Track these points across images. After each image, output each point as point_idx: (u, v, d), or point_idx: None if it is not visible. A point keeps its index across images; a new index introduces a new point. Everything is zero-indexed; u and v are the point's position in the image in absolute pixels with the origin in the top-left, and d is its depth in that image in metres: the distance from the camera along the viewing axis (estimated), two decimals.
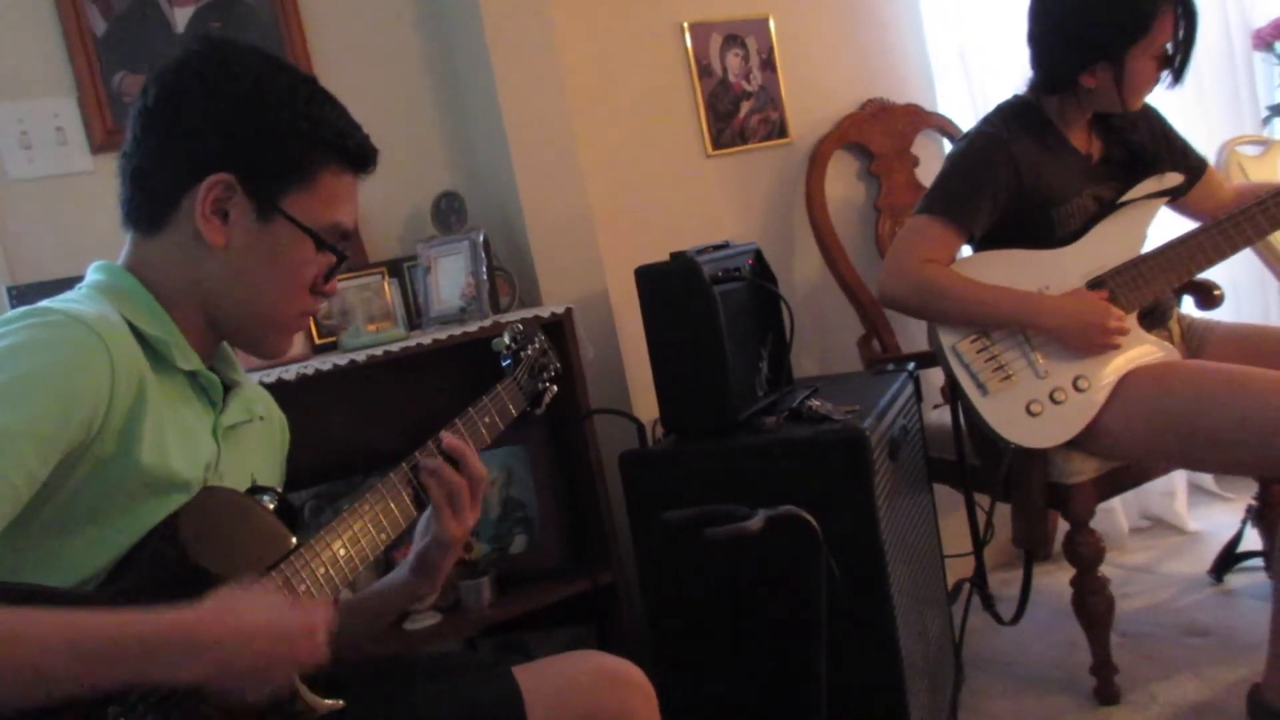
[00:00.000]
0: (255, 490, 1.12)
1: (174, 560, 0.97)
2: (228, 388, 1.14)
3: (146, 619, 0.86)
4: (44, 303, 0.99)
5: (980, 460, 2.09)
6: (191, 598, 0.94)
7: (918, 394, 2.12)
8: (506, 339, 1.38)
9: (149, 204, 1.07)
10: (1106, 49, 1.87)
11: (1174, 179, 1.98)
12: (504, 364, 1.37)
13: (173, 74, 1.07)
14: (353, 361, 1.78)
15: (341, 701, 1.07)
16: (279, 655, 0.92)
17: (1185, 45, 1.89)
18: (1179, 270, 1.93)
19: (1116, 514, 2.77)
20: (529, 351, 1.39)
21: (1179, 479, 2.78)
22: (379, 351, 1.81)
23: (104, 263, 1.09)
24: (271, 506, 1.12)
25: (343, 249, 1.13)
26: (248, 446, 1.17)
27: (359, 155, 1.12)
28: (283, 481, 1.26)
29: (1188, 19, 1.86)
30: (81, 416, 0.91)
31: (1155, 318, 2.01)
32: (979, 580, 2.09)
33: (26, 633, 0.80)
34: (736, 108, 2.52)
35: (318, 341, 1.93)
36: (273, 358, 1.22)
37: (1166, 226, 2.05)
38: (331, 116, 1.10)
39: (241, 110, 1.06)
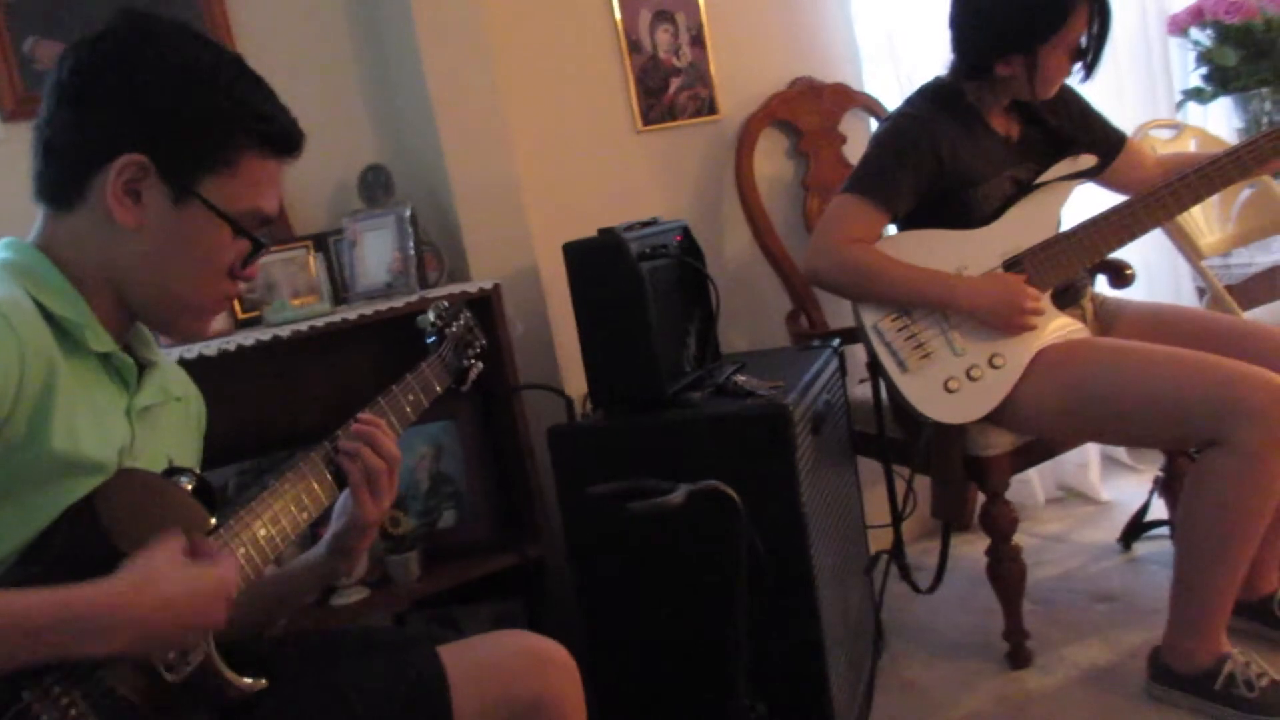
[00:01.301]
0: (172, 471, 1.11)
1: (90, 543, 0.96)
2: (143, 368, 1.12)
3: (68, 595, 0.86)
4: None
5: (902, 434, 2.14)
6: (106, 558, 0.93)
7: (842, 370, 2.16)
8: (431, 316, 1.38)
9: (60, 180, 1.05)
10: (1021, 40, 1.92)
11: (1088, 160, 2.03)
12: (429, 341, 1.37)
13: (90, 47, 1.04)
14: (276, 337, 1.76)
15: (265, 680, 1.07)
16: (196, 619, 0.94)
17: (1098, 40, 1.94)
18: (1092, 250, 1.99)
19: (1033, 485, 2.87)
20: (454, 328, 1.40)
21: (1092, 451, 2.88)
22: (304, 327, 1.79)
23: (12, 239, 1.06)
24: (189, 487, 1.11)
25: (262, 234, 1.11)
26: (163, 427, 1.15)
27: (284, 140, 1.10)
28: (200, 462, 1.25)
29: (1102, 15, 1.91)
30: None
31: (1069, 296, 2.08)
32: (897, 550, 2.15)
33: None
34: (666, 84, 2.53)
35: (241, 316, 1.90)
36: (189, 340, 1.21)
37: (1089, 204, 2.10)
38: (256, 99, 1.08)
39: (160, 90, 1.03)
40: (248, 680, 1.06)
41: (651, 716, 1.83)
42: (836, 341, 2.20)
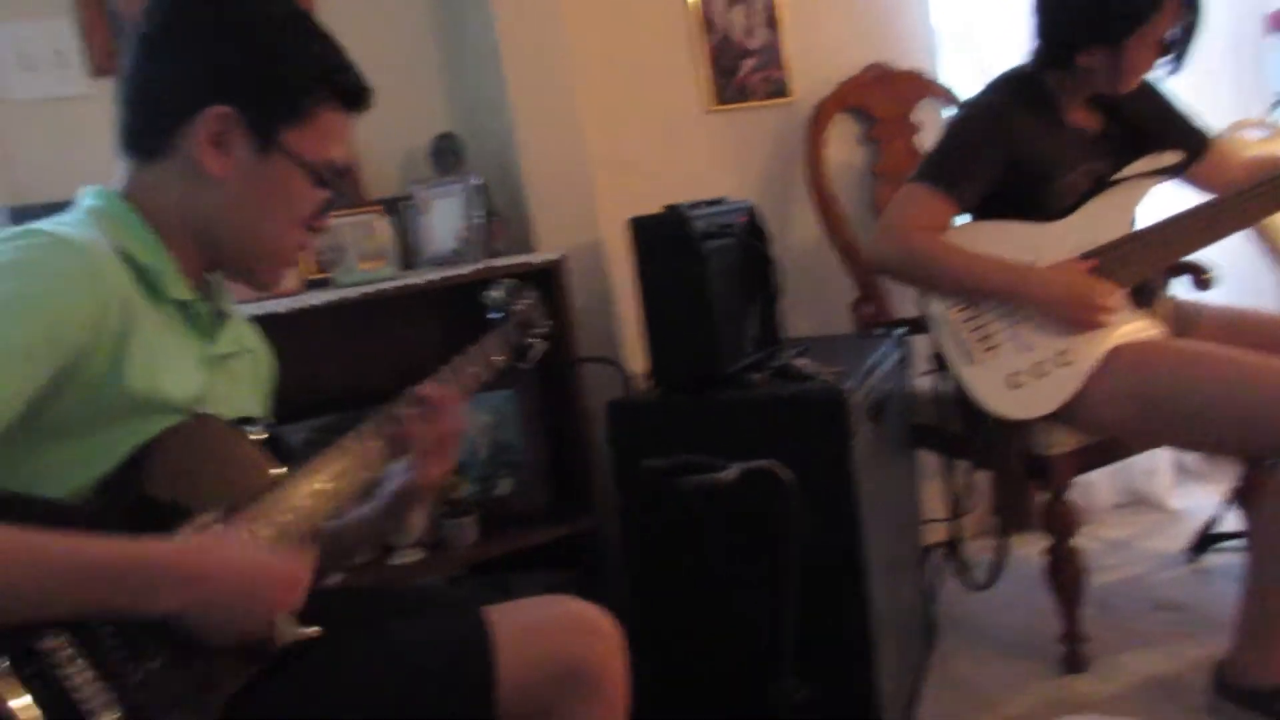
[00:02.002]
0: (243, 420, 1.14)
1: (160, 482, 0.99)
2: (219, 318, 1.15)
3: (131, 547, 0.88)
4: (35, 224, 1.00)
5: (963, 428, 2.10)
6: (171, 522, 0.96)
7: (906, 360, 2.13)
8: (498, 293, 1.40)
9: (147, 132, 1.08)
10: (1106, 31, 1.86)
11: (1171, 157, 1.97)
12: (494, 316, 1.39)
13: (173, 1, 1.07)
14: (344, 298, 1.79)
15: (318, 629, 1.09)
16: (257, 598, 0.95)
17: (1187, 34, 1.87)
18: (1170, 250, 1.94)
19: (1100, 489, 2.80)
20: (520, 307, 1.41)
21: (1163, 458, 2.80)
22: (371, 289, 1.82)
23: (98, 188, 1.10)
24: (259, 437, 1.14)
25: (336, 185, 1.15)
26: (237, 378, 1.19)
27: (356, 93, 1.13)
28: (269, 414, 1.28)
29: (1192, 9, 1.85)
30: (70, 338, 0.92)
31: (1144, 296, 2.02)
32: (953, 545, 2.12)
33: (5, 552, 0.81)
34: (738, 65, 2.51)
35: (311, 277, 1.94)
36: (266, 290, 1.24)
37: (1169, 203, 2.04)
38: (329, 53, 1.11)
39: (244, 42, 1.06)
40: (301, 628, 1.08)
41: (696, 691, 1.83)
42: (901, 331, 2.17)
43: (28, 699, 0.81)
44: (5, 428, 0.88)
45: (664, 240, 1.80)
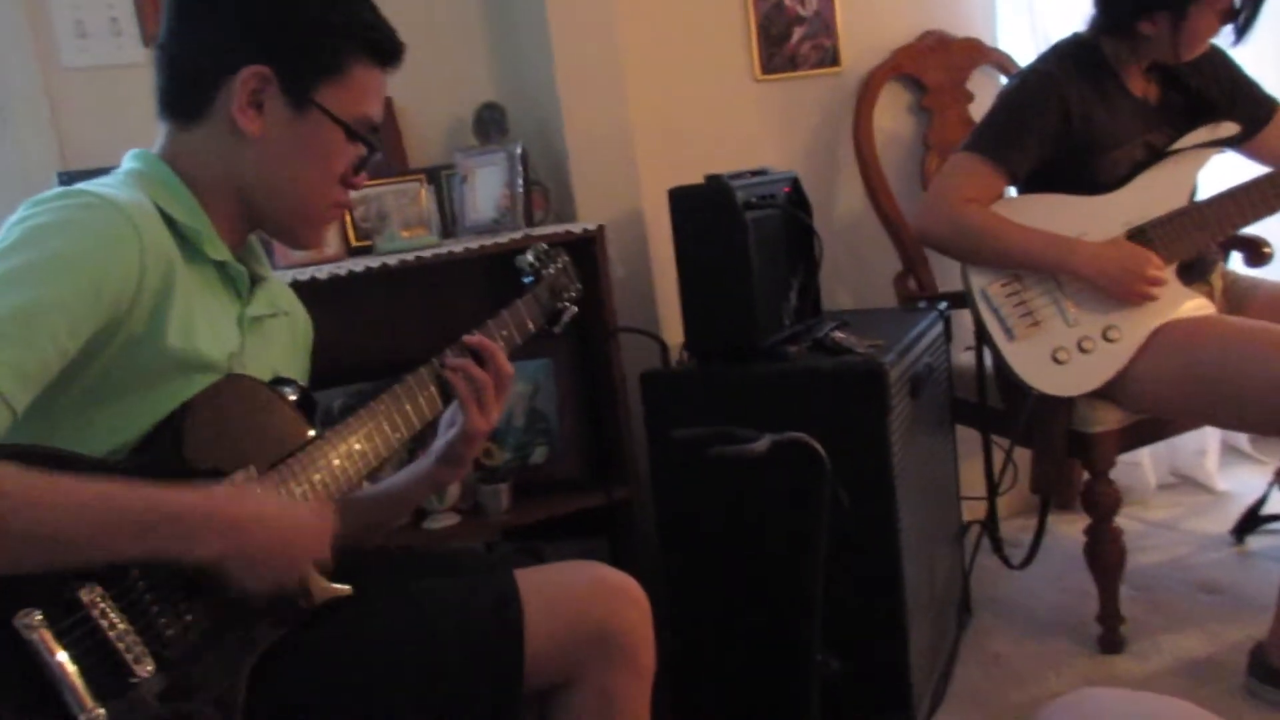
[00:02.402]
0: (278, 381, 1.17)
1: (196, 440, 1.02)
2: (254, 281, 1.18)
3: (168, 494, 0.90)
4: (78, 185, 1.02)
5: (1005, 404, 2.08)
6: (208, 478, 0.99)
7: (948, 334, 2.11)
8: (530, 257, 1.41)
9: (186, 95, 1.10)
10: (1171, 2, 1.80)
11: (1229, 129, 1.92)
12: (526, 280, 1.40)
13: None
14: (385, 265, 1.81)
15: (349, 588, 1.12)
16: (292, 547, 0.98)
17: (1254, 2, 1.81)
18: (1224, 224, 1.89)
19: (1145, 469, 2.75)
20: (551, 270, 1.42)
21: (1211, 438, 2.75)
22: (411, 257, 1.84)
23: (140, 150, 1.12)
24: (293, 399, 1.16)
25: (373, 141, 1.16)
26: (272, 340, 1.21)
27: (388, 49, 1.15)
28: (306, 377, 1.31)
29: None
30: (111, 296, 0.95)
31: (1196, 271, 1.98)
32: (991, 522, 2.10)
33: (46, 497, 0.84)
34: (789, 32, 2.47)
35: (353, 244, 1.96)
36: (306, 249, 1.26)
37: (1232, 175, 1.98)
38: (361, 8, 1.13)
39: (275, 4, 1.08)
40: (336, 585, 1.11)
41: (727, 661, 1.85)
42: (944, 305, 2.14)
43: (64, 654, 0.83)
44: (48, 385, 0.91)
45: (704, 210, 1.80)
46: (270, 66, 1.07)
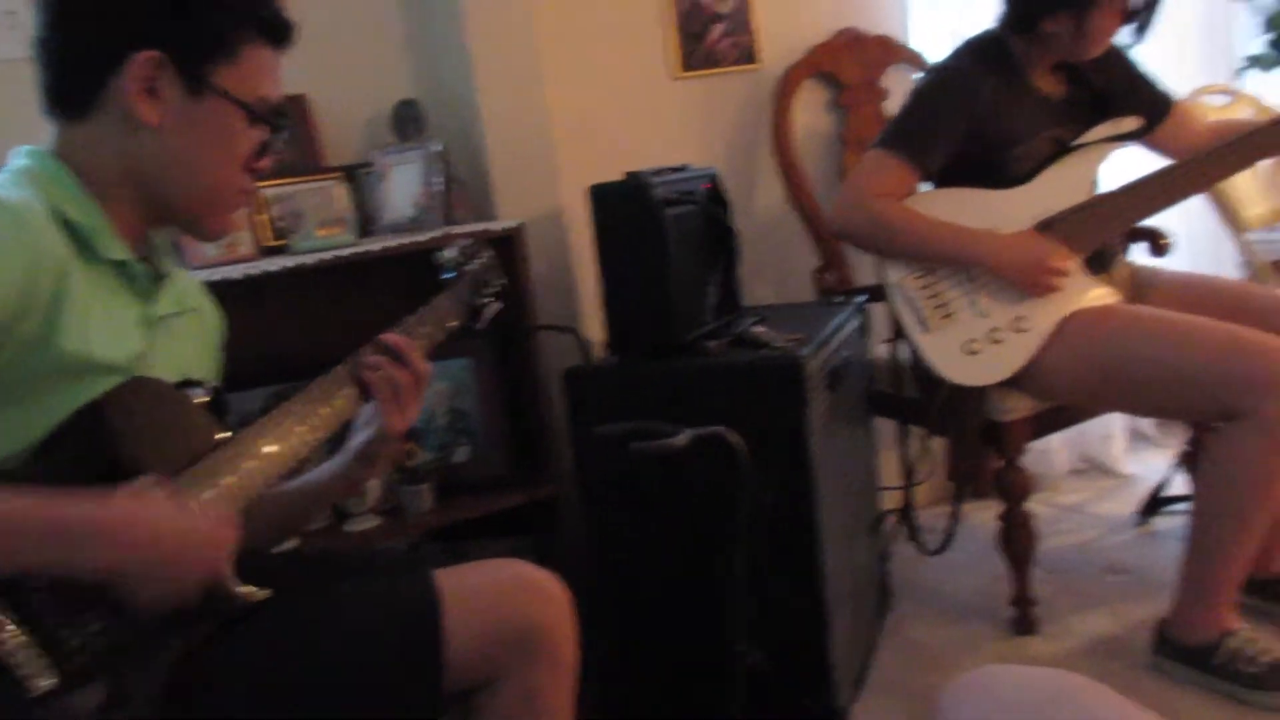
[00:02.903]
0: (186, 383, 1.14)
1: (97, 446, 0.99)
2: (159, 279, 1.15)
3: (57, 503, 0.87)
4: None
5: (919, 395, 2.13)
6: (107, 483, 0.96)
7: (865, 328, 2.15)
8: (451, 252, 1.39)
9: (73, 88, 1.07)
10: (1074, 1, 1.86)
11: (1131, 123, 1.98)
12: (446, 277, 1.38)
13: None
14: (301, 265, 1.79)
15: (266, 591, 1.10)
16: (188, 557, 0.93)
17: (1152, 3, 1.88)
18: (1127, 216, 1.96)
19: (1055, 455, 2.85)
20: (473, 266, 1.40)
21: (1117, 423, 2.85)
22: (328, 256, 1.81)
23: (30, 147, 1.08)
24: (204, 400, 1.13)
25: (275, 123, 1.14)
26: (180, 339, 1.18)
27: (280, 26, 1.12)
28: (218, 375, 1.28)
29: None
30: (2, 298, 0.91)
31: (1102, 262, 2.04)
32: (906, 511, 2.15)
33: None
34: (708, 29, 2.49)
35: (267, 244, 1.93)
36: (213, 239, 1.23)
37: (1131, 170, 2.05)
38: None
39: None
40: (250, 589, 1.09)
41: (651, 655, 1.86)
42: (861, 299, 2.19)
43: None
44: None
45: (623, 207, 1.80)
46: (162, 51, 1.04)
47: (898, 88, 2.63)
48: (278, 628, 1.09)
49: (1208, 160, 1.89)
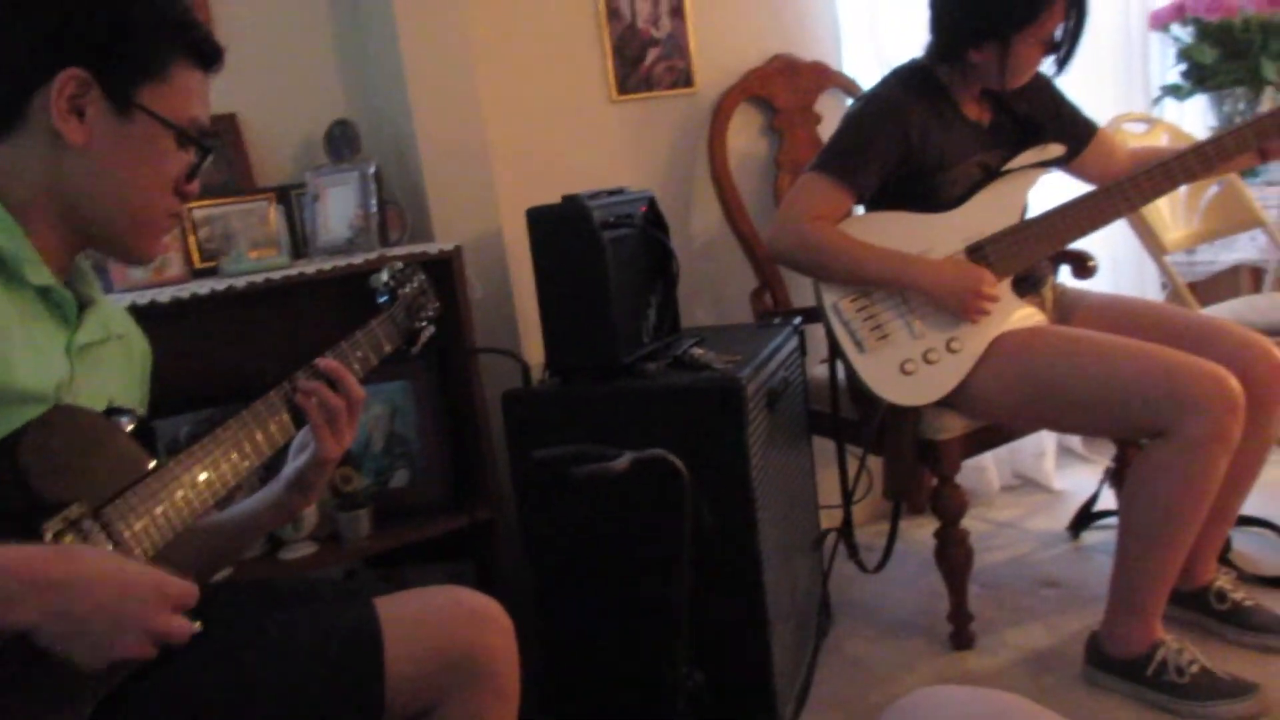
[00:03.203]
0: (112, 411, 1.11)
1: (18, 478, 0.95)
2: (83, 306, 1.12)
3: None
4: None
5: (858, 414, 2.16)
6: (35, 519, 0.92)
7: (802, 348, 2.18)
8: (385, 276, 1.38)
9: None
10: (996, 29, 1.92)
11: (1056, 150, 2.04)
12: (380, 300, 1.37)
13: None
14: (232, 288, 1.75)
15: (199, 624, 1.07)
16: (126, 612, 0.87)
17: (1073, 36, 1.94)
18: (1054, 239, 2.01)
19: (989, 472, 2.90)
20: (408, 290, 1.39)
21: (1048, 440, 2.91)
22: (260, 279, 1.78)
23: None
24: (130, 428, 1.10)
25: (203, 145, 1.12)
26: (105, 367, 1.15)
27: (209, 48, 1.12)
28: (145, 403, 1.24)
29: (1078, 11, 1.91)
30: None
31: (1030, 284, 2.09)
32: (846, 529, 2.17)
33: None
34: (644, 53, 2.51)
35: (198, 266, 1.88)
36: (142, 262, 1.21)
37: (1056, 194, 2.12)
38: (175, 9, 1.09)
39: (89, 4, 1.03)
40: (182, 622, 1.06)
41: (595, 679, 1.85)
42: (798, 320, 2.21)
43: None
44: None
45: (561, 230, 1.80)
46: (88, 70, 1.02)
47: (831, 112, 2.68)
48: (212, 662, 1.06)
49: (1130, 186, 1.96)
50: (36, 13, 1.02)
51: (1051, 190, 2.14)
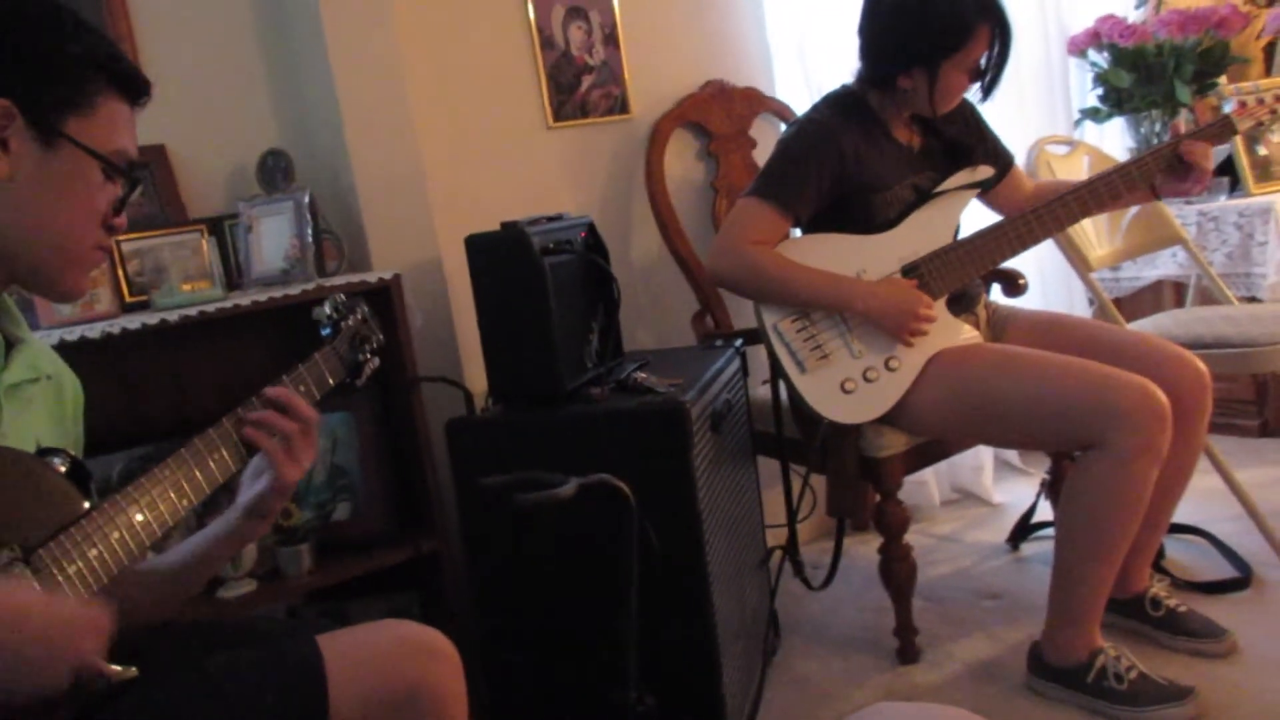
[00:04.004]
0: (44, 452, 1.08)
1: None
2: (10, 345, 1.09)
3: None
4: None
5: (800, 434, 2.18)
6: None
7: (745, 370, 2.19)
8: (327, 308, 1.36)
9: None
10: (923, 57, 1.97)
11: (985, 172, 2.10)
12: (324, 333, 1.35)
13: None
14: (164, 321, 1.71)
15: (134, 670, 1.04)
16: (56, 643, 0.88)
17: (998, 64, 2.00)
18: (986, 259, 2.05)
19: (930, 487, 2.95)
20: (350, 322, 1.38)
21: (986, 455, 2.97)
22: (194, 312, 1.74)
23: None
24: (63, 469, 1.07)
25: (131, 178, 1.11)
26: (34, 407, 1.12)
27: (135, 81, 1.10)
28: (79, 443, 1.21)
29: (1003, 41, 1.97)
30: None
31: (964, 303, 2.14)
32: (791, 548, 2.19)
33: None
34: (578, 81, 2.53)
35: (128, 300, 1.84)
36: (69, 299, 1.17)
37: (974, 218, 2.18)
38: (103, 43, 1.08)
39: (13, 33, 1.02)
40: (116, 668, 1.03)
41: (544, 708, 1.83)
42: (739, 342, 2.23)
43: None
44: None
45: (501, 257, 1.80)
46: (10, 100, 1.00)
47: (765, 137, 2.72)
48: (148, 709, 1.03)
49: (1060, 206, 2.02)
50: None
51: (975, 215, 2.20)
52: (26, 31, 1.03)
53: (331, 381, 1.31)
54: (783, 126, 2.73)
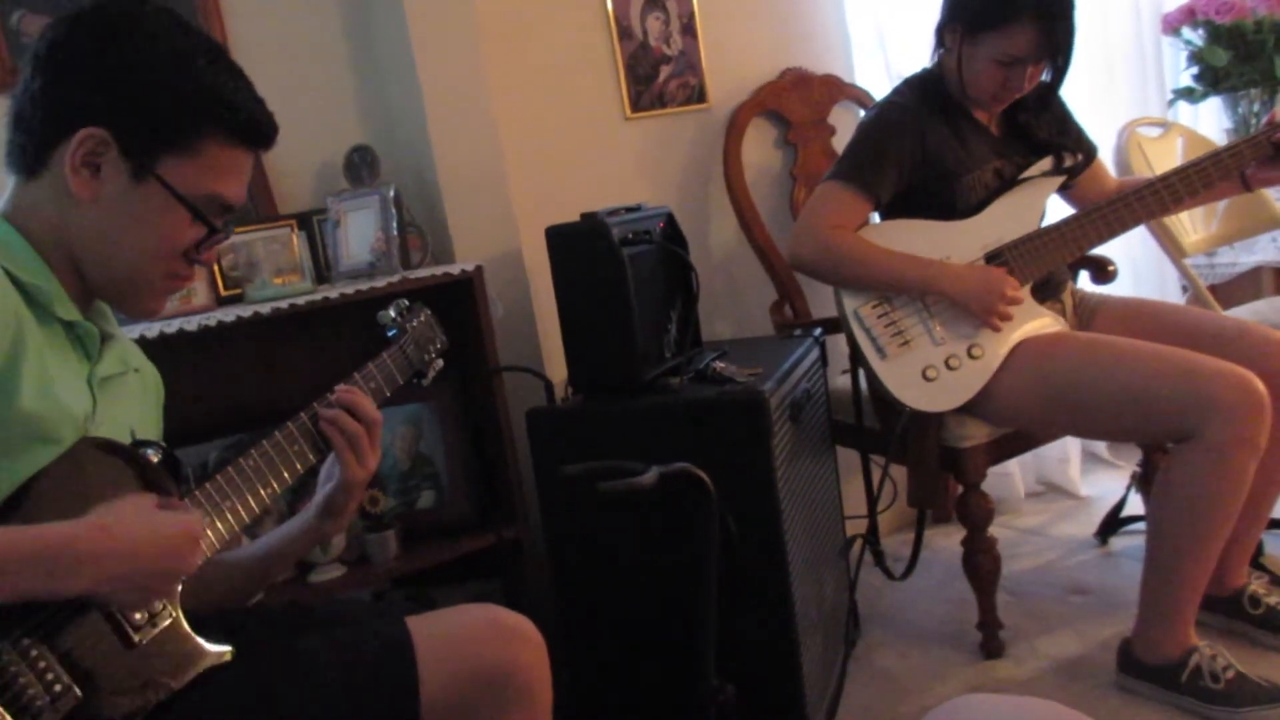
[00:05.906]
0: (139, 444, 1.13)
1: (58, 506, 0.97)
2: (103, 339, 1.14)
3: (28, 534, 0.89)
4: None
5: (880, 423, 2.15)
6: None
7: (824, 359, 2.18)
8: (392, 312, 1.41)
9: (26, 149, 1.08)
10: (965, 14, 1.96)
11: (1071, 159, 2.05)
12: (389, 335, 1.40)
13: (70, 23, 1.07)
14: (257, 314, 1.77)
15: (230, 649, 1.08)
16: (162, 564, 0.97)
17: (1056, 77, 1.99)
18: (1072, 246, 2.01)
19: (1013, 479, 2.88)
20: (414, 325, 1.42)
21: (1073, 446, 2.90)
22: (284, 305, 1.80)
23: None
24: (155, 459, 1.12)
25: (223, 221, 1.14)
26: (124, 399, 1.18)
27: (250, 129, 1.12)
28: (161, 436, 1.27)
29: (1053, 53, 1.93)
30: None
31: (1049, 290, 2.09)
32: (872, 537, 2.17)
33: None
34: (656, 71, 2.53)
35: (223, 293, 1.91)
36: (140, 318, 1.23)
37: (1057, 206, 2.12)
38: (227, 88, 1.10)
39: (128, 68, 1.06)
40: (214, 648, 1.07)
41: (624, 695, 1.85)
42: (818, 331, 2.21)
43: None
44: None
45: (581, 248, 1.81)
46: (108, 129, 1.04)
47: (844, 124, 2.69)
48: (244, 686, 1.07)
49: (1149, 192, 1.96)
50: (76, 70, 1.05)
51: (1057, 202, 2.14)
52: (143, 69, 1.06)
53: (400, 380, 1.36)
54: (862, 113, 2.70)
